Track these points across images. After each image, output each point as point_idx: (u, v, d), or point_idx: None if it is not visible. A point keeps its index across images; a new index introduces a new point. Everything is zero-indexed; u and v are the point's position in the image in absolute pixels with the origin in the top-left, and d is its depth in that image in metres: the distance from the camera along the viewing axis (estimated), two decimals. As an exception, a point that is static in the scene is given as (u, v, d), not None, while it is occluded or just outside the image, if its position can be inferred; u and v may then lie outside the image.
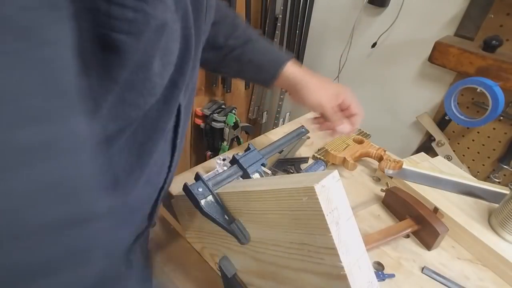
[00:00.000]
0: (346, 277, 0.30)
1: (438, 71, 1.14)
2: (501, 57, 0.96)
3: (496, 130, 1.09)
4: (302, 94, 0.62)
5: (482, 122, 0.99)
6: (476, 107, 1.09)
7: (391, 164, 0.69)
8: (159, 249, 0.55)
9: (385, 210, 0.65)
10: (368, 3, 1.24)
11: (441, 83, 1.18)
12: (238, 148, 0.88)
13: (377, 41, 1.28)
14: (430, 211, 0.58)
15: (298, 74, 0.61)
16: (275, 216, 0.35)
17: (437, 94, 1.20)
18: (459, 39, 1.07)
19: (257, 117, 1.77)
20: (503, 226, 0.57)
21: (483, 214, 0.62)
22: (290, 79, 0.62)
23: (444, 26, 1.11)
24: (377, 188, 0.70)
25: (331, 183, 0.30)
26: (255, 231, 0.40)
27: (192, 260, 0.53)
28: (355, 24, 1.33)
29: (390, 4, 1.22)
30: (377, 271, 0.52)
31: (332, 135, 0.65)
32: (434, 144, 1.20)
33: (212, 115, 1.44)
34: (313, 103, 0.62)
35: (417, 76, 1.23)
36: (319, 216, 0.30)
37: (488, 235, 0.57)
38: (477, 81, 0.96)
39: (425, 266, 0.54)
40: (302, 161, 0.75)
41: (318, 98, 0.61)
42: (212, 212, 0.41)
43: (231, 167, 0.48)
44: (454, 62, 1.03)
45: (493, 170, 1.13)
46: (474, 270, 0.55)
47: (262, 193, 0.36)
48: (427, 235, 0.57)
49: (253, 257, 0.41)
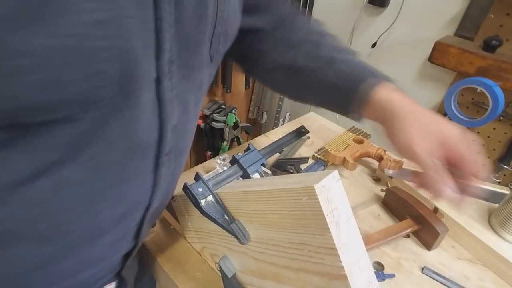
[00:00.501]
0: (346, 277, 0.30)
1: (438, 71, 1.14)
2: (501, 57, 0.96)
3: (496, 130, 1.09)
4: (391, 130, 0.44)
5: (482, 122, 0.99)
6: (476, 107, 1.09)
7: (391, 164, 0.69)
8: (159, 249, 0.55)
9: (385, 210, 0.65)
10: (368, 3, 1.24)
11: (441, 83, 1.18)
12: (238, 148, 0.88)
13: (377, 41, 1.28)
14: (430, 211, 0.58)
15: (393, 100, 0.44)
16: (275, 216, 0.35)
17: (437, 94, 1.20)
18: (459, 39, 1.08)
19: (257, 117, 1.77)
20: (503, 226, 0.57)
21: (483, 214, 0.62)
22: (383, 108, 0.44)
23: (444, 26, 1.11)
24: (377, 188, 0.70)
25: (331, 183, 0.30)
26: (255, 231, 0.40)
27: (192, 260, 0.53)
28: (355, 24, 1.33)
29: (390, 4, 1.22)
30: (377, 271, 0.52)
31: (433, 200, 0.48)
32: (434, 144, 1.20)
33: (212, 115, 1.44)
34: (401, 145, 0.42)
35: (417, 76, 1.23)
36: (319, 216, 0.30)
37: (488, 235, 0.57)
38: (477, 81, 0.96)
39: (425, 266, 0.54)
40: (302, 161, 0.75)
41: (410, 138, 0.41)
42: (212, 212, 0.41)
43: (231, 167, 0.48)
44: (454, 62, 1.03)
45: (493, 170, 1.13)
46: (474, 270, 0.55)
47: (262, 193, 0.36)
48: (427, 235, 0.57)
49: (253, 257, 0.41)
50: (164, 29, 0.29)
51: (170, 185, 0.42)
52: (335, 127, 0.91)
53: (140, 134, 0.32)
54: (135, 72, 0.28)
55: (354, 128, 0.86)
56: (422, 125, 0.42)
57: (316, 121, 0.93)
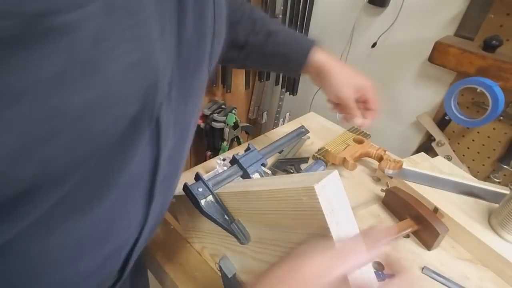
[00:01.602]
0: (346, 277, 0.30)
1: (438, 71, 1.14)
2: (501, 57, 0.96)
3: (496, 130, 1.09)
4: (324, 83, 0.63)
5: (482, 122, 0.99)
6: (476, 107, 1.09)
7: (391, 164, 0.69)
8: (159, 249, 0.55)
9: (385, 210, 0.65)
10: (368, 3, 1.24)
11: (441, 83, 1.18)
12: (238, 148, 0.88)
13: (377, 41, 1.28)
14: (430, 211, 0.58)
15: (324, 61, 0.61)
16: (275, 216, 0.35)
17: (437, 94, 1.20)
18: (459, 39, 1.07)
19: (257, 117, 1.77)
20: (503, 226, 0.57)
21: (483, 214, 0.62)
22: (316, 66, 0.61)
23: (444, 26, 1.11)
24: (377, 188, 0.70)
25: (331, 183, 0.30)
26: (255, 231, 0.40)
27: (192, 260, 0.53)
28: (355, 24, 1.33)
29: (390, 4, 1.22)
30: (377, 271, 0.52)
31: (341, 121, 0.68)
32: (434, 144, 1.20)
33: (212, 115, 1.44)
34: (332, 93, 0.63)
35: (417, 76, 1.23)
36: (319, 216, 0.30)
37: (488, 235, 0.57)
38: (477, 81, 0.96)
39: (425, 266, 0.54)
40: (302, 161, 0.75)
41: (339, 90, 0.62)
42: (212, 212, 0.41)
43: (231, 167, 0.48)
44: (454, 62, 1.03)
45: (493, 170, 1.13)
46: (474, 270, 0.55)
47: (262, 193, 0.36)
48: (427, 235, 0.57)
49: (253, 257, 0.41)
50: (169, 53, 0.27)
51: (161, 211, 0.38)
52: (335, 127, 0.91)
53: (136, 165, 0.28)
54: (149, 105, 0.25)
55: (354, 128, 0.86)
56: (345, 79, 0.62)
57: (316, 121, 0.93)
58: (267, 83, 1.65)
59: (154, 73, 0.23)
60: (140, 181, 0.31)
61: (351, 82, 0.62)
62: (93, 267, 0.32)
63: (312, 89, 1.54)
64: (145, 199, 0.32)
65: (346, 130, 0.85)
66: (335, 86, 0.62)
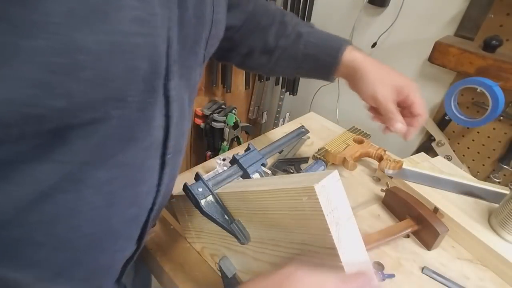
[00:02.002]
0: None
1: (438, 71, 1.14)
2: (501, 57, 0.96)
3: (496, 130, 1.09)
4: (359, 84, 0.55)
5: (482, 122, 0.99)
6: (476, 107, 1.09)
7: (391, 164, 0.69)
8: (159, 249, 0.55)
9: (385, 210, 0.65)
10: (368, 3, 1.24)
11: (441, 83, 1.18)
12: (238, 148, 0.88)
13: (377, 41, 1.28)
14: (430, 211, 0.58)
15: (359, 61, 0.55)
16: (275, 216, 0.35)
17: (437, 94, 1.20)
18: (459, 39, 1.07)
19: (257, 117, 1.77)
20: (503, 226, 0.57)
21: (483, 214, 0.62)
22: (350, 66, 0.55)
23: (444, 26, 1.11)
24: (377, 188, 0.70)
25: (331, 183, 0.30)
26: (255, 231, 0.40)
27: (192, 260, 0.53)
28: (355, 24, 1.33)
29: (390, 4, 1.21)
30: (377, 271, 0.52)
31: (384, 132, 0.57)
32: (434, 144, 1.20)
33: (212, 115, 1.44)
34: (367, 94, 0.54)
35: (417, 76, 1.23)
36: (319, 216, 0.30)
37: (488, 235, 0.57)
38: (477, 81, 0.96)
39: (425, 266, 0.54)
40: (302, 161, 0.75)
41: (375, 89, 0.53)
42: (212, 212, 0.41)
43: (231, 167, 0.48)
44: (454, 62, 1.03)
45: (493, 170, 1.13)
46: (474, 270, 0.55)
47: (262, 193, 0.36)
48: (427, 235, 0.57)
49: (253, 257, 0.41)
50: (173, 28, 0.30)
51: (169, 184, 0.42)
52: (335, 127, 0.91)
53: (153, 132, 0.32)
54: (159, 69, 0.29)
55: (354, 128, 0.86)
56: (381, 78, 0.54)
57: (316, 121, 0.93)
58: (267, 83, 1.65)
59: (156, 36, 0.27)
60: (157, 149, 0.34)
61: (389, 81, 0.54)
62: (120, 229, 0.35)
63: (312, 89, 1.54)
64: (159, 167, 0.36)
65: (346, 130, 0.85)
66: (369, 86, 0.54)
